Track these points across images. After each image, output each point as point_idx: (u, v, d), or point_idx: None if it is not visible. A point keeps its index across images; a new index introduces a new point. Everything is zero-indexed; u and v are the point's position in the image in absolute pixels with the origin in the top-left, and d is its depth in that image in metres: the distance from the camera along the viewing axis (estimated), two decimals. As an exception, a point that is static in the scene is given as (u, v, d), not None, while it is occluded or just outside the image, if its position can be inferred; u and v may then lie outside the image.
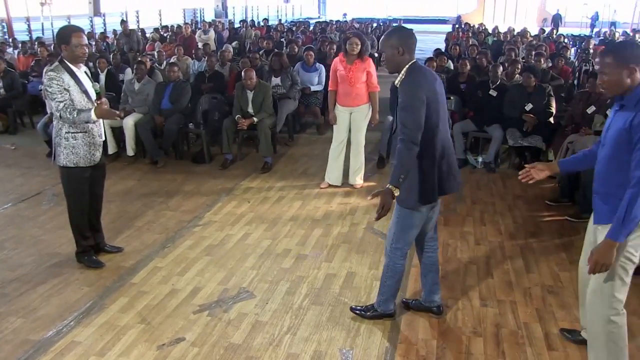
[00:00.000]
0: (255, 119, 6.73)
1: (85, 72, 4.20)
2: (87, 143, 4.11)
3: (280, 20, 26.72)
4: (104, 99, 4.14)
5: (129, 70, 9.16)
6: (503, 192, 6.02)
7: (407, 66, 3.13)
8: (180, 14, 25.98)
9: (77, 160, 4.12)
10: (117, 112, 4.27)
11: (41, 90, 8.31)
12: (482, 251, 4.64)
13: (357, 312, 3.69)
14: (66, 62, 4.03)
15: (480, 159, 6.87)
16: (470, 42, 12.60)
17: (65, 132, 4.08)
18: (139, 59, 8.69)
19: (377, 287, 3.80)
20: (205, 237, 4.93)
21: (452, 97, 7.29)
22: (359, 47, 5.67)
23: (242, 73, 6.95)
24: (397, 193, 3.05)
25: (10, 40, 14.28)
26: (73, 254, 4.53)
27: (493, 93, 6.74)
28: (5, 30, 15.37)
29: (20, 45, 13.57)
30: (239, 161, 7.09)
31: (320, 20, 27.81)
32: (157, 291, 4.02)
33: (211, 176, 6.58)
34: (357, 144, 6.02)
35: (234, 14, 29.78)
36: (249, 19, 21.06)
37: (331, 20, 24.63)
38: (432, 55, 9.30)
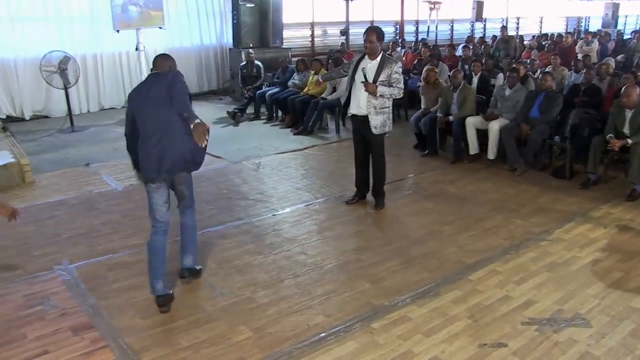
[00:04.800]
0: (629, 141, 6.12)
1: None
2: None
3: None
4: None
5: (500, 75, 9.30)
6: None
7: None
8: (563, 23, 24.91)
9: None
10: None
11: (418, 86, 9.11)
12: None
13: None
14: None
15: None
16: None
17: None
18: (513, 65, 8.74)
19: None
20: (550, 253, 4.77)
21: None
22: None
23: (623, 89, 6.40)
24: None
25: (400, 40, 15.87)
26: (422, 240, 4.94)
27: None
28: (398, 31, 17.12)
29: (407, 45, 15.07)
30: (602, 183, 6.55)
31: None
32: (490, 293, 4.09)
33: (568, 194, 6.27)
34: None
35: (624, 24, 27.01)
36: (642, 31, 18.95)
37: None
38: None
